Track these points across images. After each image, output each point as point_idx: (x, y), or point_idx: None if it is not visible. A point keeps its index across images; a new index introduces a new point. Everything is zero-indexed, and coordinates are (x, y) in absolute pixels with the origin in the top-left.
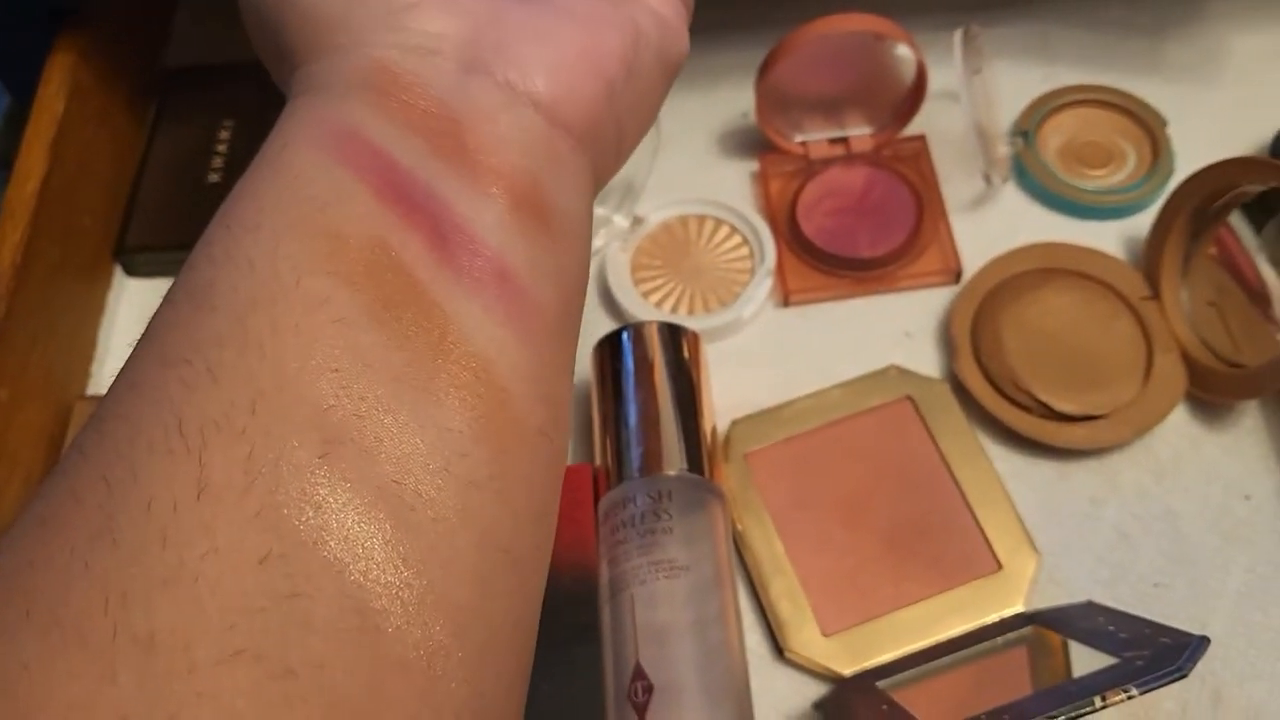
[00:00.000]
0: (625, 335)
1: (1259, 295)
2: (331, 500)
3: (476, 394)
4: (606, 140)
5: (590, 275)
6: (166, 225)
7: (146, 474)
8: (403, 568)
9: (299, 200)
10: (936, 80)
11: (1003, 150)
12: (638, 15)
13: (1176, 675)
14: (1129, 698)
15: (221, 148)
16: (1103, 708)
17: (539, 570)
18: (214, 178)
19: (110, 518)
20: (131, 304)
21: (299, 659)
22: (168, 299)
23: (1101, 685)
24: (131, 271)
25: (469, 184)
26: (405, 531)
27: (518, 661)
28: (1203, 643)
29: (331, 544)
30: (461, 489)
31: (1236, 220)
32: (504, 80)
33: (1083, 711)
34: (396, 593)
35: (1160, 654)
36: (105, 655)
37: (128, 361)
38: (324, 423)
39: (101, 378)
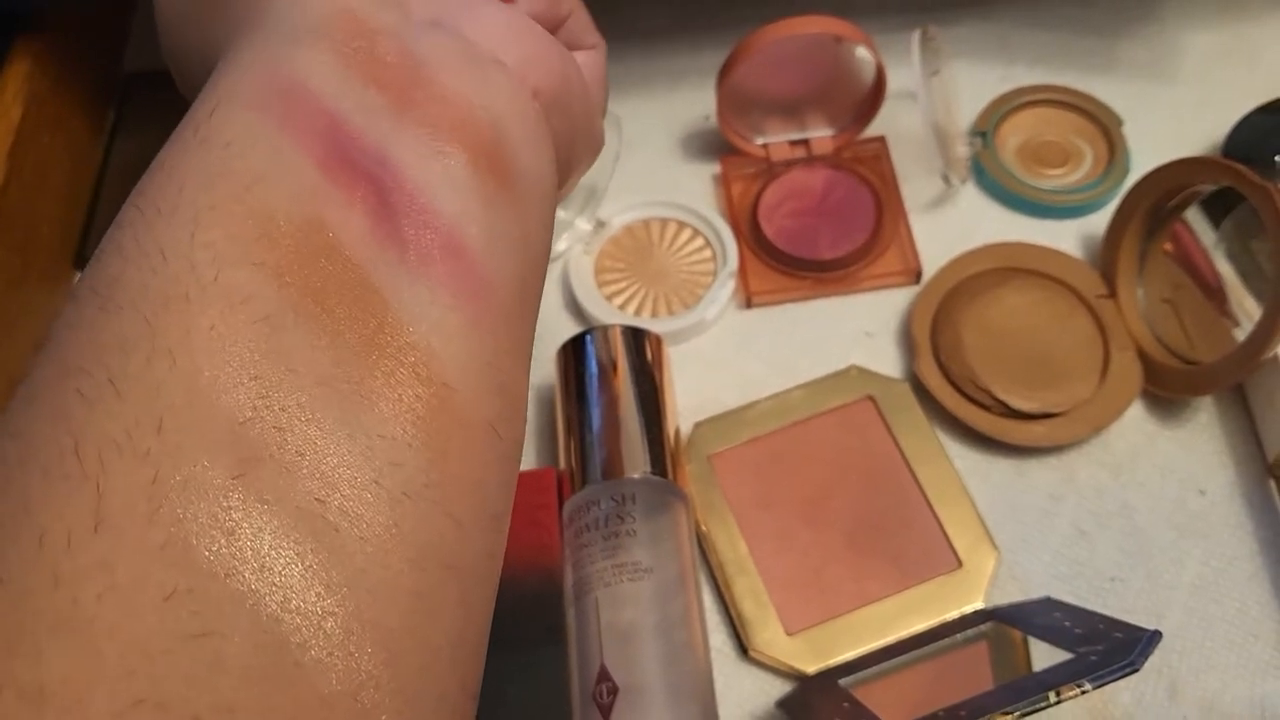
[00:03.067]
0: (588, 339)
1: (1214, 291)
2: (246, 525)
3: (414, 392)
4: (567, 123)
5: (553, 278)
6: None
7: (39, 503)
8: (325, 595)
9: (226, 175)
10: (896, 81)
11: (961, 151)
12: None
13: (1129, 670)
14: (1082, 692)
15: None
16: (1057, 703)
17: (488, 578)
18: None
19: None
20: None
21: (208, 704)
22: (72, 295)
23: (1057, 680)
24: None
25: (426, 142)
26: (329, 555)
27: (462, 680)
28: (1155, 637)
29: (245, 574)
30: (394, 502)
31: (1195, 216)
32: (471, 38)
33: (1038, 706)
34: (318, 623)
35: (1114, 648)
36: None
37: (31, 370)
38: (240, 439)
39: None
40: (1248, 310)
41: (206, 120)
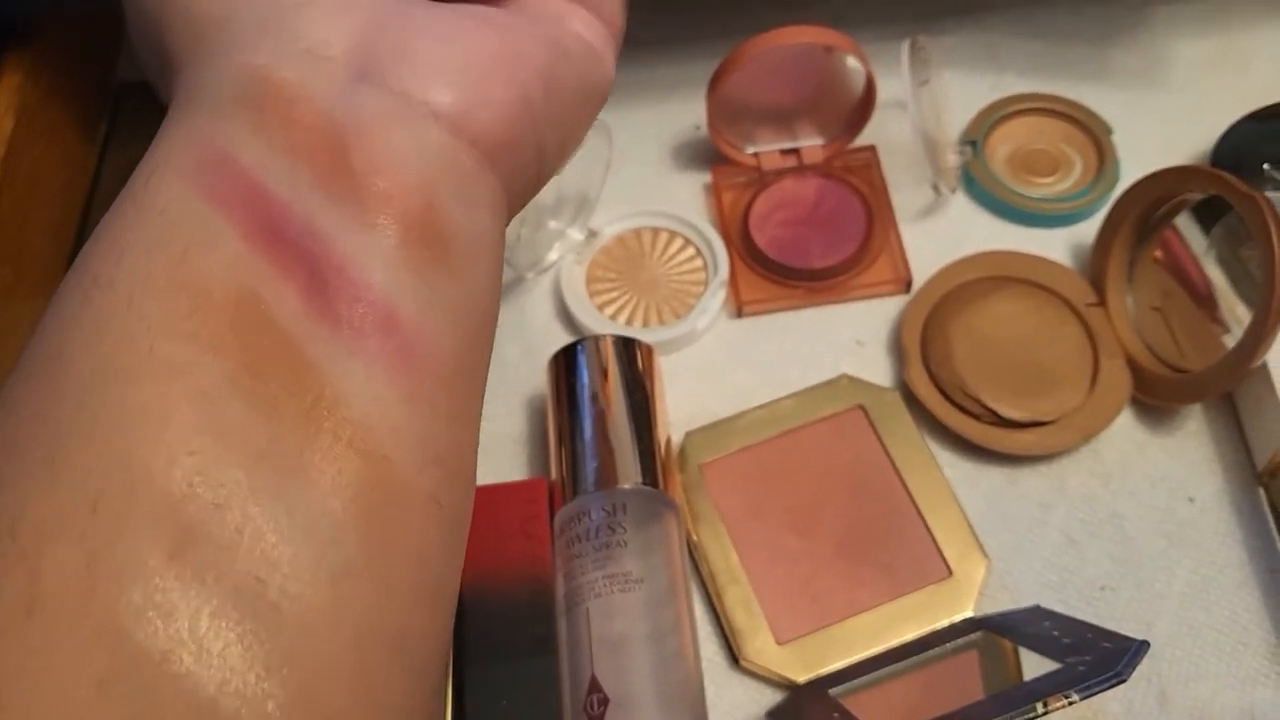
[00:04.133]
0: (580, 349)
1: (1205, 298)
2: (183, 606)
3: (353, 467)
4: (523, 157)
5: (545, 288)
6: None
7: None
8: (265, 676)
9: (160, 245)
10: (887, 90)
11: (951, 160)
12: (560, 35)
13: (1116, 680)
14: (1070, 703)
15: None
16: (1045, 714)
17: (438, 650)
18: None
19: None
20: None
21: None
22: (18, 367)
23: (1044, 691)
24: None
25: (354, 214)
26: (269, 635)
27: None
28: (1142, 647)
29: (183, 657)
30: (334, 580)
31: (1185, 222)
32: (400, 88)
33: (1025, 716)
34: (258, 706)
35: (1101, 658)
36: None
37: None
38: (177, 517)
39: None
40: (1239, 317)
41: (143, 189)
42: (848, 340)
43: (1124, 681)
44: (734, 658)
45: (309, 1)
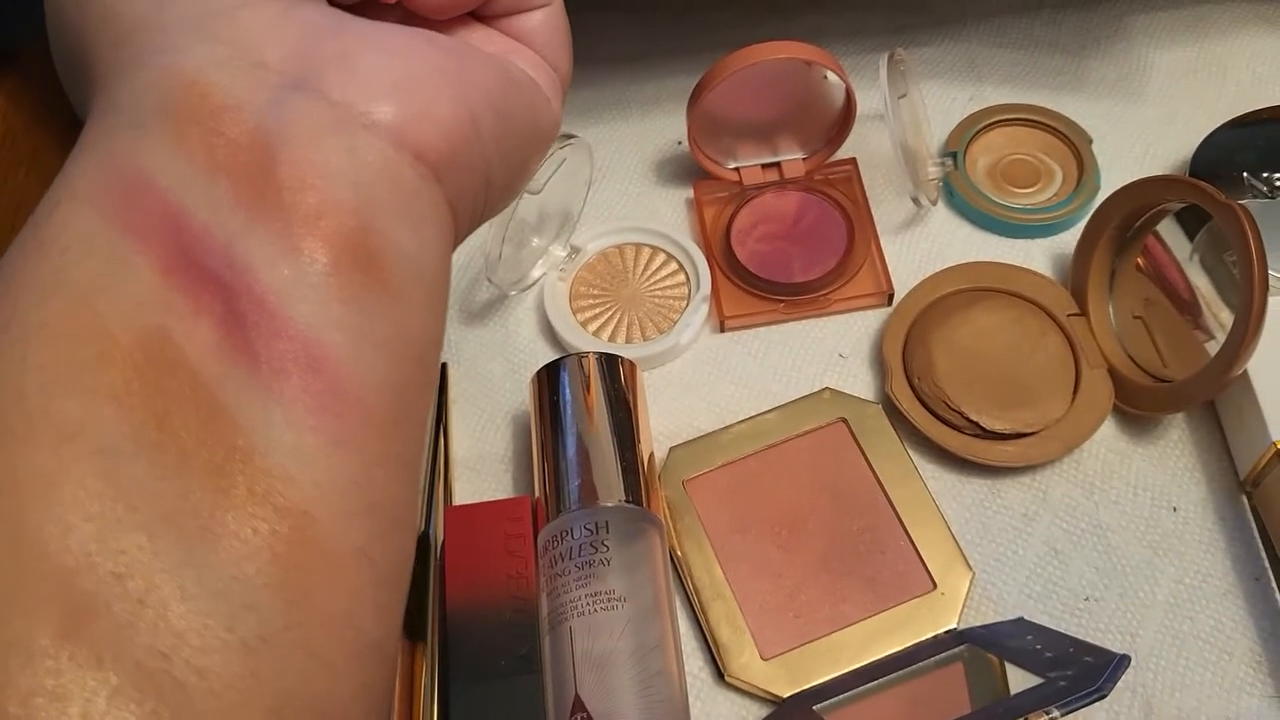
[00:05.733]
0: (562, 366)
1: (1188, 304)
2: (76, 690)
3: (270, 526)
4: (470, 179)
5: (529, 304)
6: None
7: None
8: None
9: (61, 286)
10: (867, 104)
11: (932, 172)
12: (508, 65)
13: (1097, 696)
14: (1051, 719)
15: None
16: None
17: (372, 712)
18: None
19: None
20: None
21: None
22: None
23: (1026, 707)
24: None
25: (278, 238)
26: (174, 714)
27: None
28: (1123, 662)
29: None
30: (248, 650)
31: (1170, 227)
32: (339, 97)
33: None
34: None
35: (1083, 673)
36: None
37: None
38: (70, 591)
39: None
40: (1222, 322)
41: (47, 220)
42: (830, 353)
43: (1104, 697)
44: (719, 673)
45: (244, 4)
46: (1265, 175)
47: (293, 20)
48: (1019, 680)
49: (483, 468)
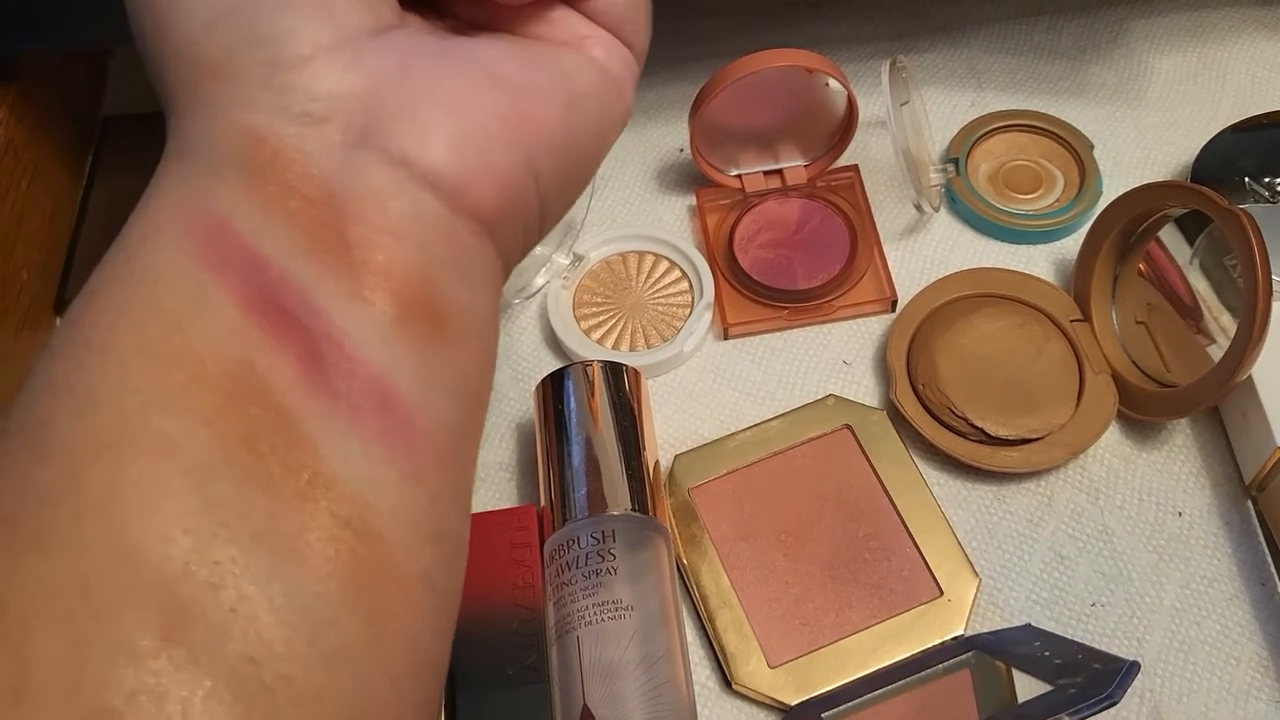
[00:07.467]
0: (567, 375)
1: (1190, 309)
2: (175, 690)
3: (350, 548)
4: (524, 221)
5: (532, 313)
6: None
7: None
8: None
9: (155, 315)
10: (869, 110)
11: (934, 178)
12: (576, 73)
13: (1107, 703)
14: None
15: None
16: None
17: None
18: None
19: None
20: None
21: None
22: (5, 430)
23: (1037, 714)
24: None
25: (350, 289)
26: (263, 718)
27: None
28: (1133, 668)
29: None
30: (328, 662)
31: (1171, 233)
32: (400, 155)
33: None
34: None
35: (1093, 680)
36: None
37: None
38: (170, 598)
39: None
40: (1224, 326)
41: (138, 250)
42: (834, 360)
43: (1115, 704)
44: (726, 681)
45: (310, 57)
46: (1266, 180)
47: (360, 71)
48: (1027, 687)
49: (488, 477)
